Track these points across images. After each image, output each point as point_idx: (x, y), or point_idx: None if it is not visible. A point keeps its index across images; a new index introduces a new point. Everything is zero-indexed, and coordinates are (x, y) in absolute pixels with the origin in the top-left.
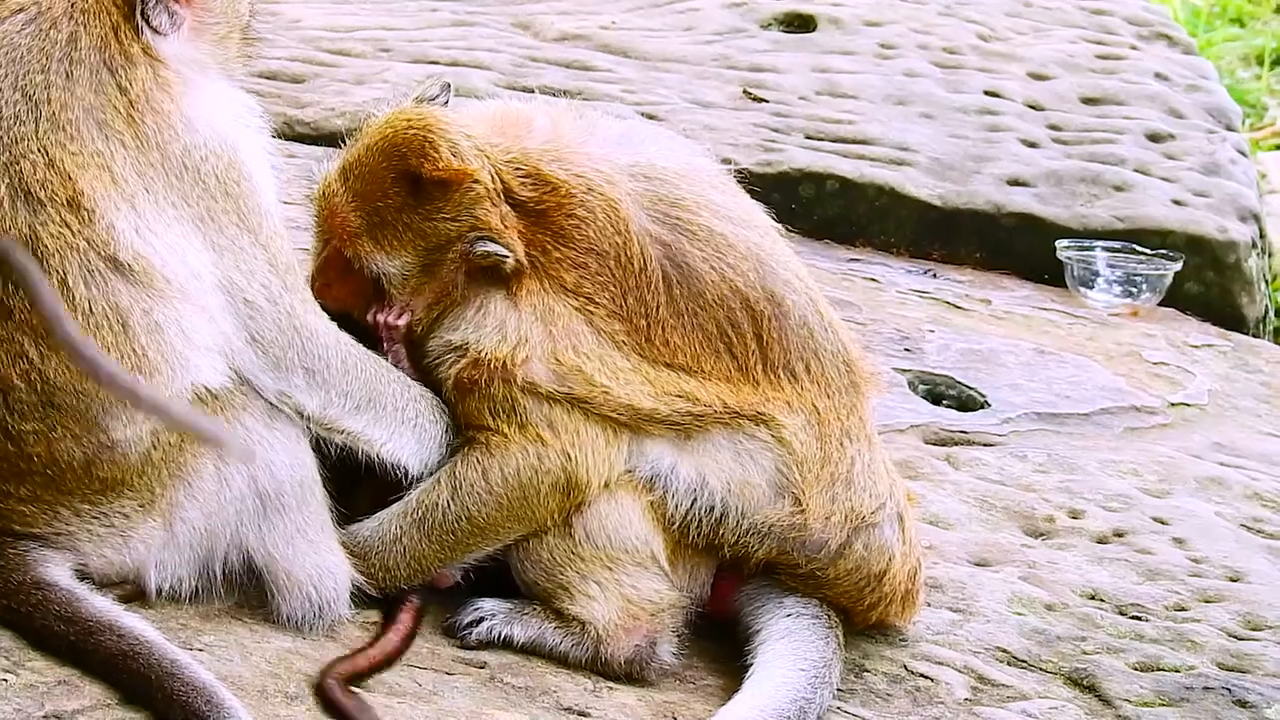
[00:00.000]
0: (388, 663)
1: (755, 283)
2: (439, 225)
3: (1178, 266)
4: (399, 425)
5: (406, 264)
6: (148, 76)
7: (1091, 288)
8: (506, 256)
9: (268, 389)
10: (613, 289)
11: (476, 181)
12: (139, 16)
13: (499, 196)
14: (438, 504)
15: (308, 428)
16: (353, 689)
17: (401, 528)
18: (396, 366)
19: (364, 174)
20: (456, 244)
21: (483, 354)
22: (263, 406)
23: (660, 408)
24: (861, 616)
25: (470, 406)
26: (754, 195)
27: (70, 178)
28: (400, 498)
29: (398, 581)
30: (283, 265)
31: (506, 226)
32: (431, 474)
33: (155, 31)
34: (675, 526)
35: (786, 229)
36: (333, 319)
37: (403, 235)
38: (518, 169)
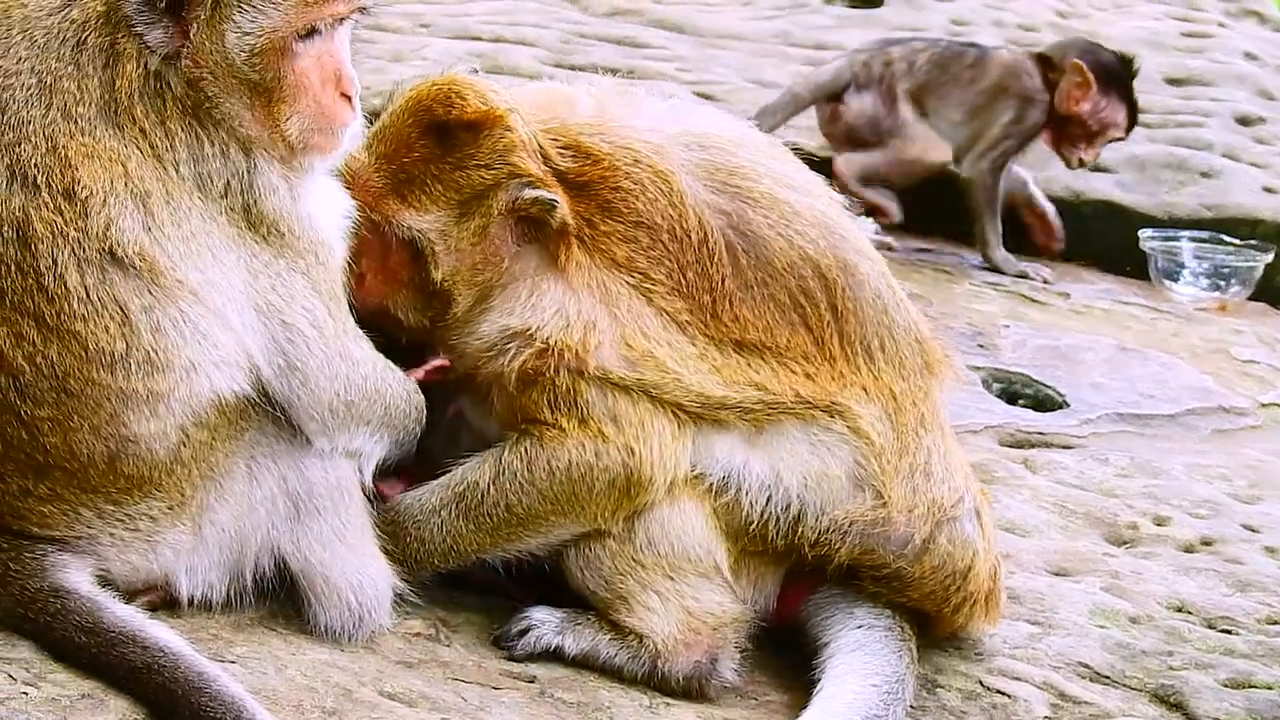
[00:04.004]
0: None
1: (826, 250)
2: (471, 174)
3: (1269, 258)
4: (394, 440)
5: (441, 219)
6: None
7: (1177, 280)
8: (555, 202)
9: (304, 422)
10: (669, 264)
11: (509, 128)
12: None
13: (535, 154)
14: (478, 484)
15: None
16: None
17: (443, 499)
18: None
19: (388, 136)
20: (495, 194)
21: (550, 341)
22: None
23: (731, 395)
24: (948, 620)
25: (530, 399)
26: None
27: (71, 165)
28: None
29: (432, 559)
30: (325, 290)
31: (549, 182)
32: None
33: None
34: (752, 527)
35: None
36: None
37: (431, 189)
38: (555, 139)
